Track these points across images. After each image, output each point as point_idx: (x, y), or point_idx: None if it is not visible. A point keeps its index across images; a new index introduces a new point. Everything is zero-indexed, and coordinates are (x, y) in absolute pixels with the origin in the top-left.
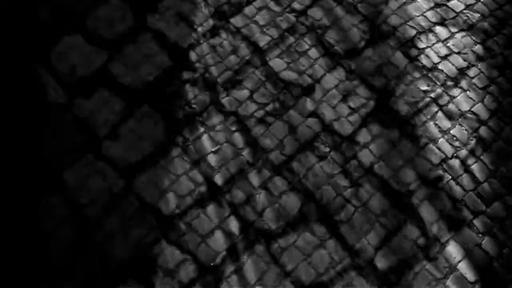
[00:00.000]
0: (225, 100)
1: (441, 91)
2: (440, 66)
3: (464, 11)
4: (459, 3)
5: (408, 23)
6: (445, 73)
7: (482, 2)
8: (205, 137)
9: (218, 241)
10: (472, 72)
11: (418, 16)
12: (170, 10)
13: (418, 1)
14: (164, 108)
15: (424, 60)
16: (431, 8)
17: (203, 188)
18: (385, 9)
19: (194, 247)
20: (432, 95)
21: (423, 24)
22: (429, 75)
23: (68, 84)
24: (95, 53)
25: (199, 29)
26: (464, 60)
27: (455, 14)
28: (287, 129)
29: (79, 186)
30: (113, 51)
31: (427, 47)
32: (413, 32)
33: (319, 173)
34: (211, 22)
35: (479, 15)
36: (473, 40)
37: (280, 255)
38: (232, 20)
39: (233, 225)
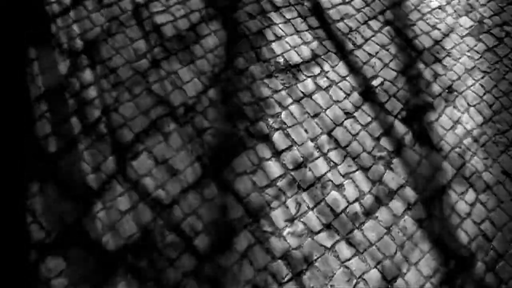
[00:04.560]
0: (210, 268)
1: None
2: None
3: None
4: None
5: None
6: None
7: None
8: None
9: None
10: None
11: None
12: (151, 155)
13: None
14: (142, 275)
15: None
16: None
17: None
18: None
19: None
20: None
21: None
22: None
23: (36, 240)
24: (68, 206)
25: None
26: None
27: None
28: None
29: None
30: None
31: None
32: None
33: None
34: (197, 169)
35: None
36: None
37: None
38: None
39: None
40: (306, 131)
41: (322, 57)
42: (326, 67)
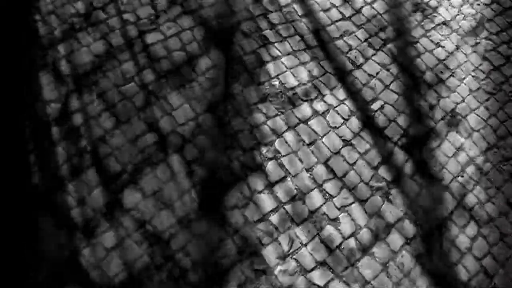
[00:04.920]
0: None
1: None
2: None
3: None
4: None
5: None
6: None
7: None
8: None
9: None
10: None
11: None
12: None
13: None
14: None
15: None
16: None
17: None
18: None
19: None
20: None
21: None
22: None
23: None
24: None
25: (171, 210)
26: None
27: None
28: None
29: None
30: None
31: None
32: None
33: None
34: (187, 203)
35: None
36: None
37: None
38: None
39: None
40: (301, 160)
41: (320, 79)
42: (324, 90)
